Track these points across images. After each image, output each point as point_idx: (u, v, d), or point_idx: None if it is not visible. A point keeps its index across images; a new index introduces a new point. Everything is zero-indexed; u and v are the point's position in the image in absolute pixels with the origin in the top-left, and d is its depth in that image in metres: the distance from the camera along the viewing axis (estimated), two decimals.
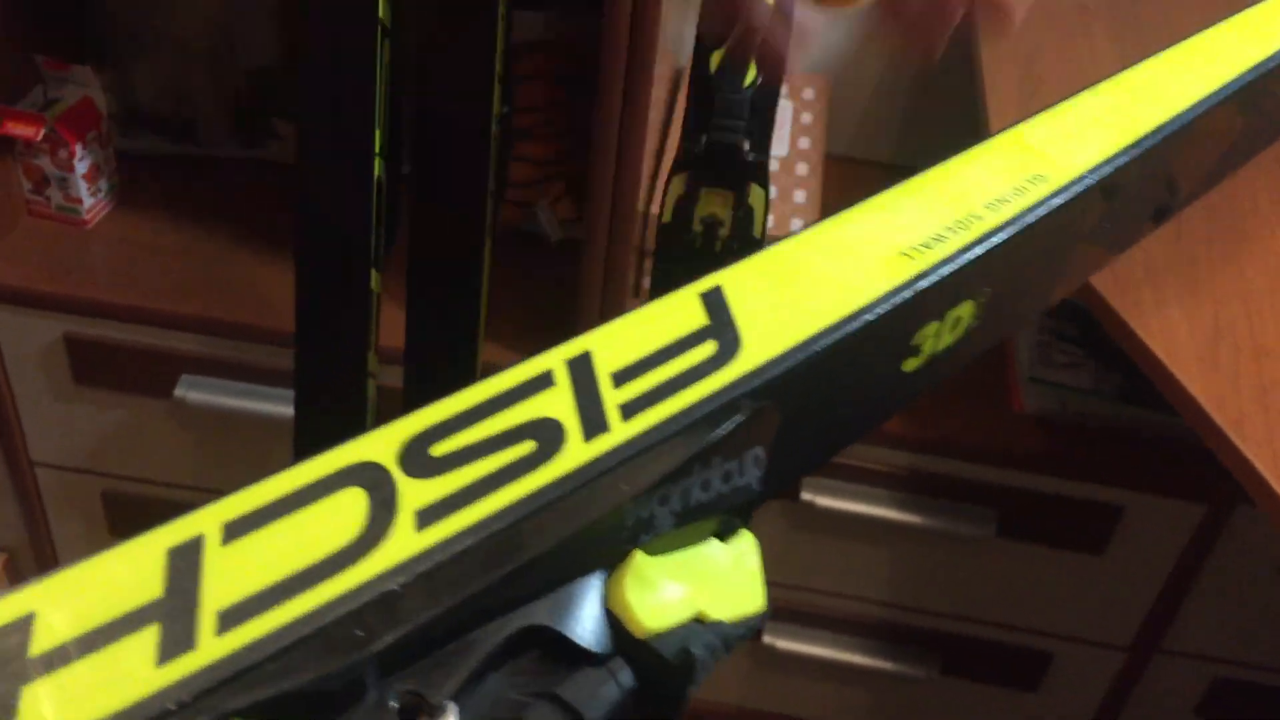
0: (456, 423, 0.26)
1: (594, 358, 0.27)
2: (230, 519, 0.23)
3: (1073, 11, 1.09)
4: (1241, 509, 1.10)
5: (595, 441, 0.25)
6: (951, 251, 0.32)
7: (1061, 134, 0.38)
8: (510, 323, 1.13)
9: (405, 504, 0.23)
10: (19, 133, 1.10)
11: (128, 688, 0.20)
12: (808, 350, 0.28)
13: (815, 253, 0.31)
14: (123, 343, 1.13)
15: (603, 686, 0.24)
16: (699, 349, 0.28)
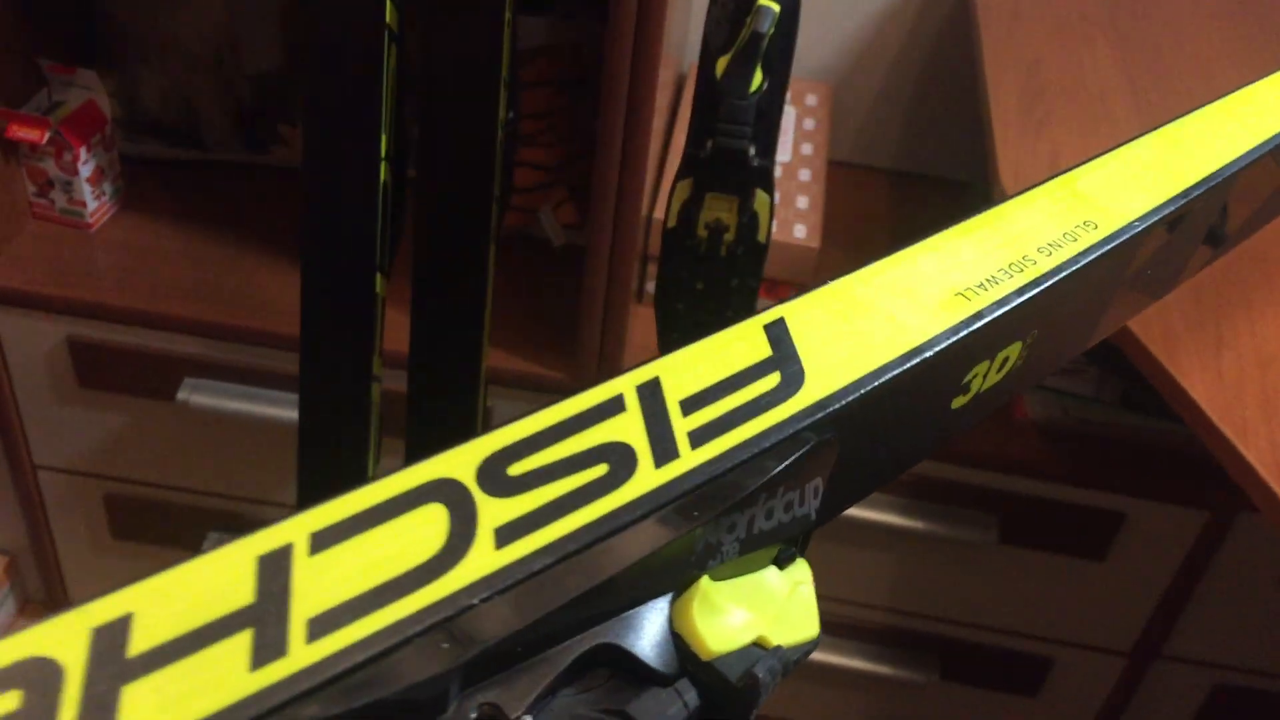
0: (532, 443, 0.26)
1: (663, 384, 0.28)
2: (318, 529, 0.23)
3: (1075, 21, 1.09)
4: (1243, 516, 1.10)
5: (666, 468, 0.26)
6: (1005, 294, 0.33)
7: (1111, 182, 0.39)
8: (513, 327, 1.13)
9: (484, 521, 0.24)
10: (24, 136, 1.10)
11: (223, 691, 0.20)
12: (869, 384, 0.29)
13: (875, 290, 0.32)
14: (126, 346, 1.13)
15: (670, 707, 0.25)
16: (764, 380, 0.29)
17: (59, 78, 1.15)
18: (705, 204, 0.77)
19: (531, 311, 1.16)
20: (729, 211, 0.78)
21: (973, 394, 0.35)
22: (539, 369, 1.10)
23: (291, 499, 1.10)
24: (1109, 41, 1.06)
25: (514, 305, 1.16)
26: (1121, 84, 1.01)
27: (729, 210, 0.77)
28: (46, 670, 0.21)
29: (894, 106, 1.38)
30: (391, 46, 0.73)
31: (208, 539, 1.26)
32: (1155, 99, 0.99)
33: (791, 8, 0.71)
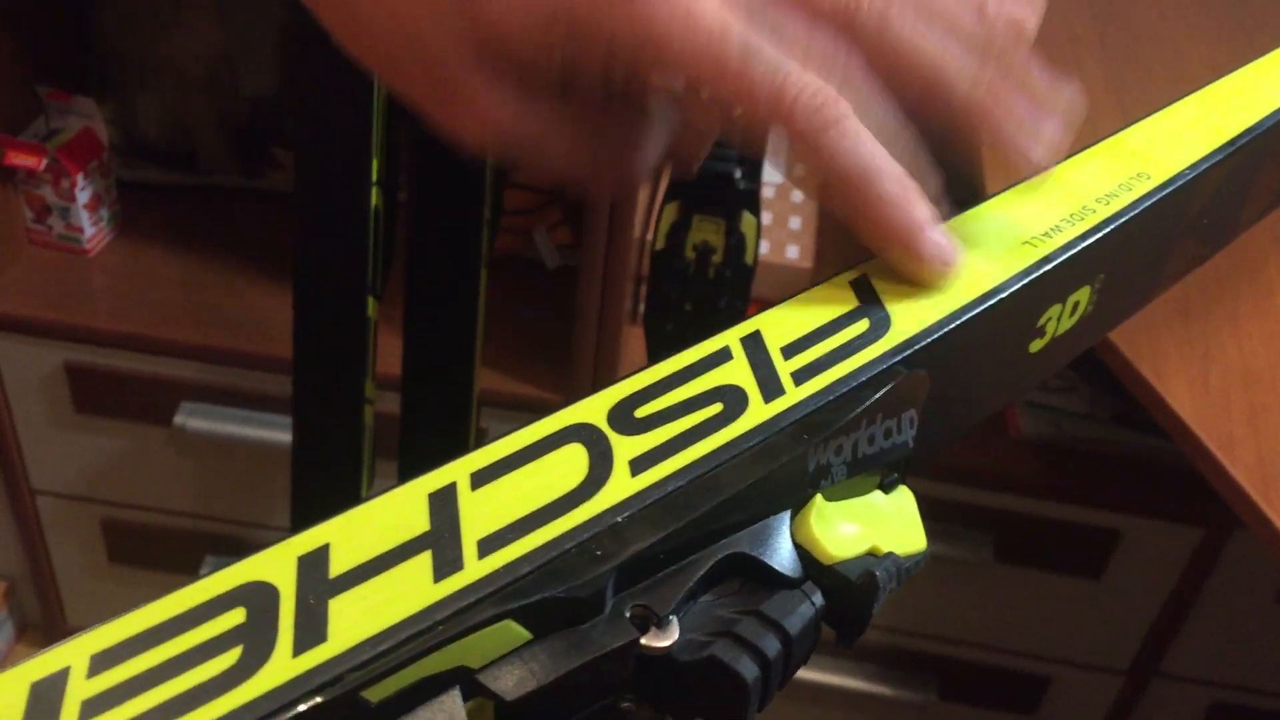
0: (653, 390, 0.30)
1: (764, 335, 0.32)
2: (476, 469, 0.27)
3: (1065, 43, 1.10)
4: (1239, 533, 1.11)
5: (774, 403, 0.30)
6: (1070, 239, 0.36)
7: (1159, 138, 0.42)
8: (507, 349, 1.13)
9: (620, 455, 0.28)
10: (21, 163, 1.11)
11: (413, 600, 0.24)
12: (950, 324, 0.33)
13: None
14: (123, 370, 1.14)
15: (800, 604, 0.28)
16: (854, 326, 0.32)
17: (56, 105, 1.16)
18: (693, 226, 0.78)
19: (526, 332, 1.16)
20: (716, 233, 0.78)
21: (1049, 337, 0.37)
22: (533, 390, 1.11)
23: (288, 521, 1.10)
24: (1099, 64, 1.07)
25: (508, 326, 1.16)
26: (1111, 106, 1.01)
27: (716, 232, 0.78)
28: (263, 591, 0.24)
29: None
30: None
31: (205, 564, 1.27)
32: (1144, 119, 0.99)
33: None
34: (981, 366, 0.36)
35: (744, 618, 0.27)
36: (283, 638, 0.23)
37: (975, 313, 0.33)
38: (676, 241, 0.78)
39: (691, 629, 0.27)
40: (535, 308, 1.19)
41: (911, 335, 0.32)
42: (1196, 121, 0.44)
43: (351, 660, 0.23)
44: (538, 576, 0.25)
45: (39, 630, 1.42)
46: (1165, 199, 0.39)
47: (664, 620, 0.26)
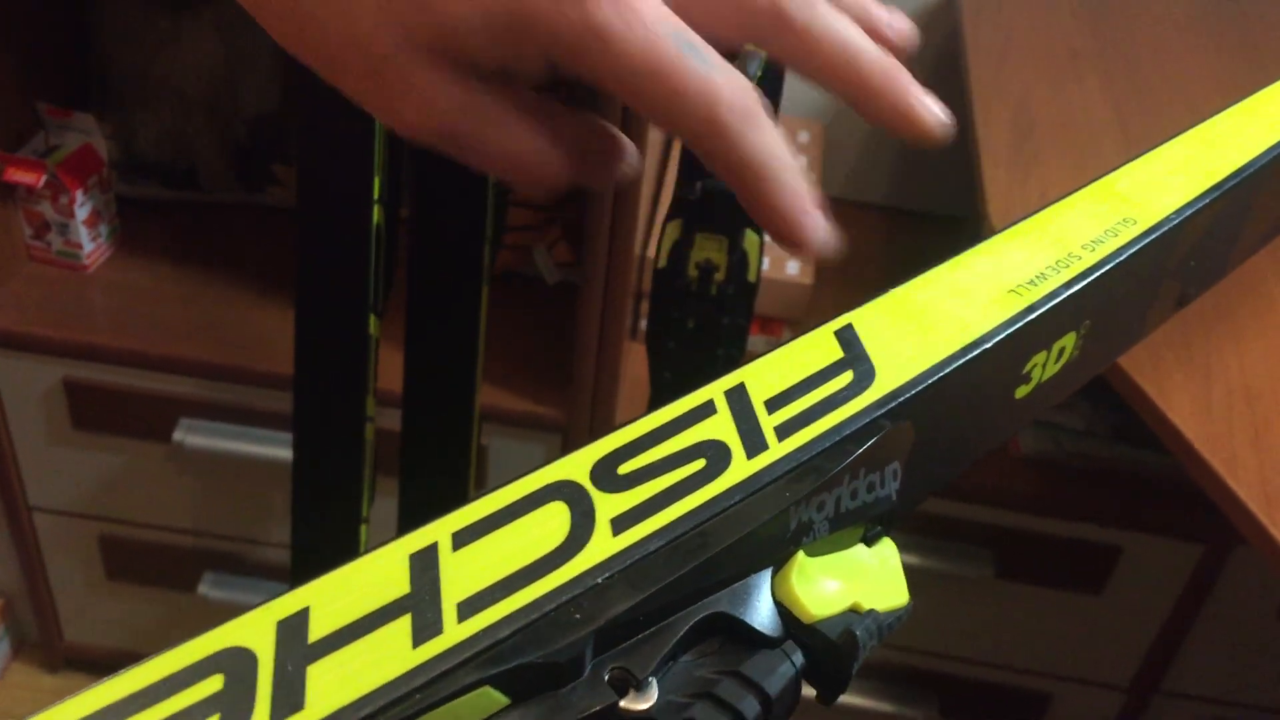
0: (637, 445, 0.30)
1: (748, 388, 0.32)
2: (458, 529, 0.27)
3: (1064, 58, 1.10)
4: (1240, 549, 1.10)
5: (757, 459, 0.30)
6: (1054, 287, 0.36)
7: (1147, 180, 0.42)
8: (507, 365, 1.13)
9: (601, 514, 0.28)
10: (20, 179, 1.11)
11: (392, 665, 0.24)
12: (934, 375, 0.33)
13: (933, 293, 0.36)
14: (122, 387, 1.14)
15: (780, 664, 0.28)
16: (839, 378, 0.32)
17: (56, 121, 1.15)
18: (695, 244, 0.78)
19: (526, 349, 1.16)
20: (719, 251, 0.78)
21: (1035, 383, 0.38)
22: (534, 406, 1.10)
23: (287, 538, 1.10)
24: (1097, 79, 1.07)
25: (509, 343, 1.16)
26: (1110, 120, 1.02)
27: (719, 250, 0.78)
28: (242, 657, 0.25)
29: (885, 143, 1.39)
30: None
31: (203, 580, 1.26)
32: (1144, 135, 1.00)
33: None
34: (966, 415, 0.36)
35: (724, 678, 0.27)
36: (260, 706, 0.23)
37: (960, 363, 0.33)
38: (679, 259, 0.78)
39: (671, 690, 0.27)
40: (535, 324, 1.19)
41: (895, 388, 0.32)
42: (1185, 163, 0.44)
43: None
44: (516, 641, 0.25)
45: (36, 648, 1.41)
46: (1151, 244, 0.39)
47: (643, 683, 0.26)
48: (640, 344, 1.13)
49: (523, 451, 1.13)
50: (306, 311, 0.78)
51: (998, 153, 0.96)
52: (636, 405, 1.10)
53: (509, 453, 1.14)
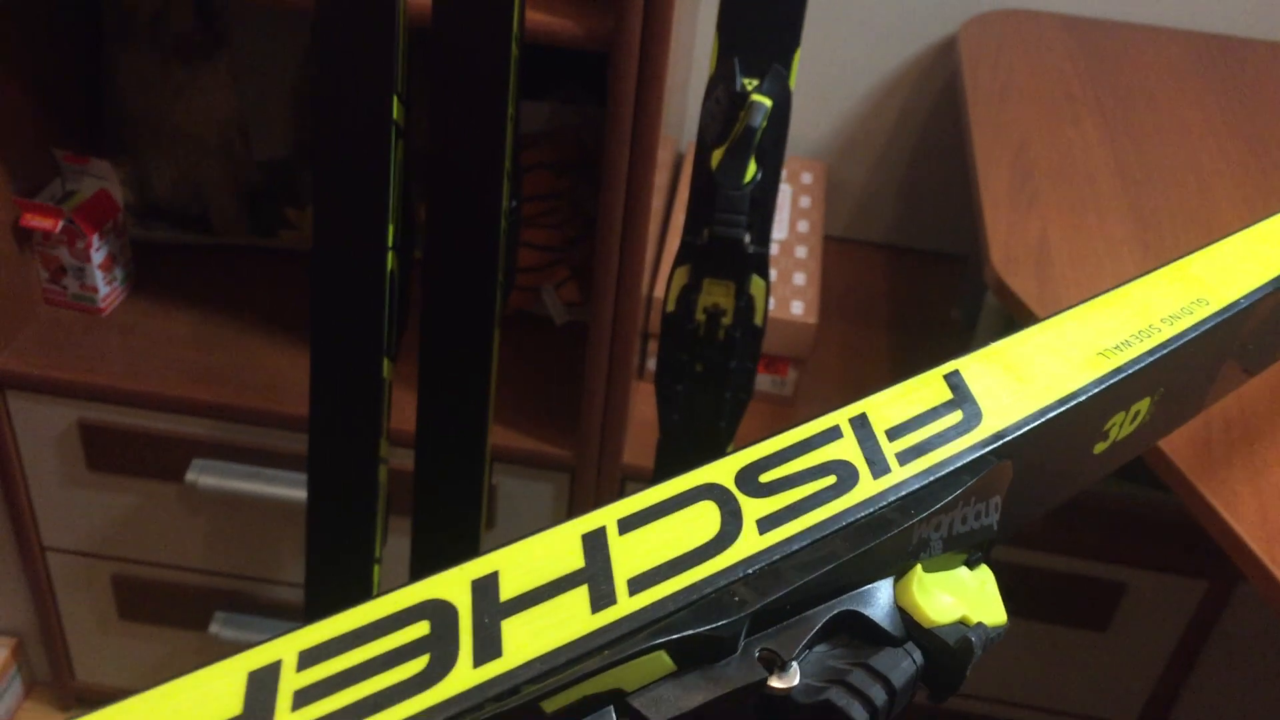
0: (774, 459, 0.34)
1: (870, 417, 0.36)
2: (623, 516, 0.31)
3: (1062, 101, 1.12)
4: (1243, 585, 1.11)
5: (882, 479, 0.34)
6: (1138, 354, 0.41)
7: (1218, 266, 0.48)
8: (516, 405, 1.15)
9: (748, 514, 0.32)
10: (38, 225, 1.13)
11: (574, 626, 0.28)
12: (1034, 421, 0.37)
13: (1031, 349, 0.40)
14: (136, 428, 1.15)
15: (903, 661, 0.31)
16: (950, 416, 0.36)
17: (72, 167, 1.17)
18: (703, 289, 0.79)
19: (534, 389, 1.17)
20: (726, 296, 0.80)
21: (1111, 441, 0.42)
22: (543, 446, 1.12)
23: (299, 578, 1.11)
24: (1095, 121, 1.09)
25: (517, 383, 1.17)
26: (1108, 162, 1.03)
27: (726, 295, 0.80)
28: (444, 608, 0.28)
29: (887, 183, 1.41)
30: (398, 141, 0.75)
31: (214, 619, 1.27)
32: (1140, 176, 1.01)
33: (782, 102, 0.73)
34: (1053, 463, 0.40)
35: (854, 669, 0.31)
36: (464, 650, 0.27)
37: (1056, 413, 0.37)
38: (687, 304, 0.80)
39: (809, 675, 0.30)
40: (543, 364, 1.21)
41: (1001, 429, 0.36)
42: (1251, 253, 0.49)
43: (526, 674, 0.27)
44: (685, 615, 0.29)
45: (48, 687, 1.42)
46: (1221, 324, 0.44)
47: (787, 664, 0.30)
48: (648, 383, 1.15)
49: (532, 490, 1.15)
50: (321, 356, 0.79)
51: (998, 193, 0.98)
52: (645, 445, 1.11)
53: (518, 492, 1.15)
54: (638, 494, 0.32)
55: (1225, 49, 1.25)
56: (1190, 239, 0.94)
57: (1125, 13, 1.29)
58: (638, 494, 0.32)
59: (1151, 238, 0.94)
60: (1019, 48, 1.22)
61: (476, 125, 0.74)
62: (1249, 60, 1.23)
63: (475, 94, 0.74)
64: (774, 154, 0.75)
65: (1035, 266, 0.89)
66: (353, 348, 0.78)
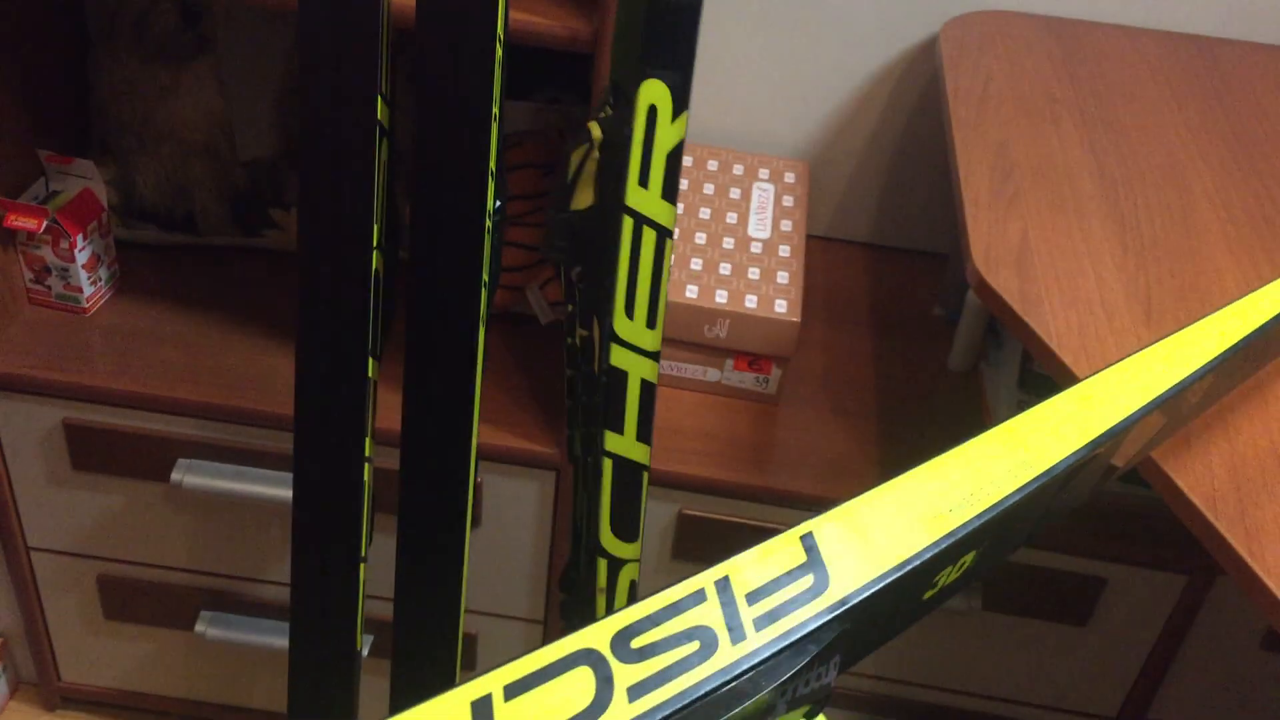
0: (647, 622, 0.37)
1: (732, 581, 0.40)
2: (510, 682, 0.35)
3: (1042, 102, 1.13)
4: (1222, 580, 1.12)
5: (738, 646, 0.38)
6: (968, 517, 0.46)
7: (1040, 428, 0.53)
8: (501, 404, 1.15)
9: (619, 681, 0.35)
10: (21, 225, 1.13)
11: None
12: (876, 585, 0.42)
13: (878, 510, 0.45)
14: (121, 428, 1.15)
15: None
16: (802, 580, 0.41)
17: (56, 167, 1.17)
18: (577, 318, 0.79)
19: (519, 388, 1.18)
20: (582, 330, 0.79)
21: (938, 588, 0.47)
22: (528, 444, 1.12)
23: (285, 577, 1.11)
24: (1074, 122, 1.10)
25: (502, 382, 1.18)
26: (1087, 162, 1.04)
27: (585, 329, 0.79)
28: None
29: (870, 182, 1.42)
30: (383, 141, 0.76)
31: (200, 619, 1.27)
32: (1120, 175, 1.02)
33: (615, 137, 0.72)
34: (885, 613, 0.44)
35: None
36: None
37: (894, 577, 0.42)
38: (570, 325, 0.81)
39: None
40: (528, 363, 1.21)
41: (845, 594, 0.41)
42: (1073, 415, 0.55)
43: None
44: None
45: (33, 687, 1.42)
46: (1044, 484, 0.50)
47: None
48: None
49: (517, 489, 1.15)
50: (307, 356, 0.79)
51: (978, 193, 0.99)
52: None
53: (504, 490, 1.15)
54: (523, 657, 0.35)
55: (1204, 49, 1.26)
56: (1169, 237, 0.95)
57: (1105, 14, 1.30)
58: (523, 657, 0.35)
59: (1130, 237, 0.95)
60: (1000, 48, 1.22)
61: (461, 125, 0.75)
62: (1227, 61, 1.25)
63: (459, 94, 0.74)
64: (613, 190, 0.72)
65: (1016, 265, 0.90)
66: (338, 347, 0.78)
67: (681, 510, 1.13)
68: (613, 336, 0.74)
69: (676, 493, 1.12)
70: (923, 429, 1.19)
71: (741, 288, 1.16)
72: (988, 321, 1.22)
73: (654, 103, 0.68)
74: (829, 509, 0.44)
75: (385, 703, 0.93)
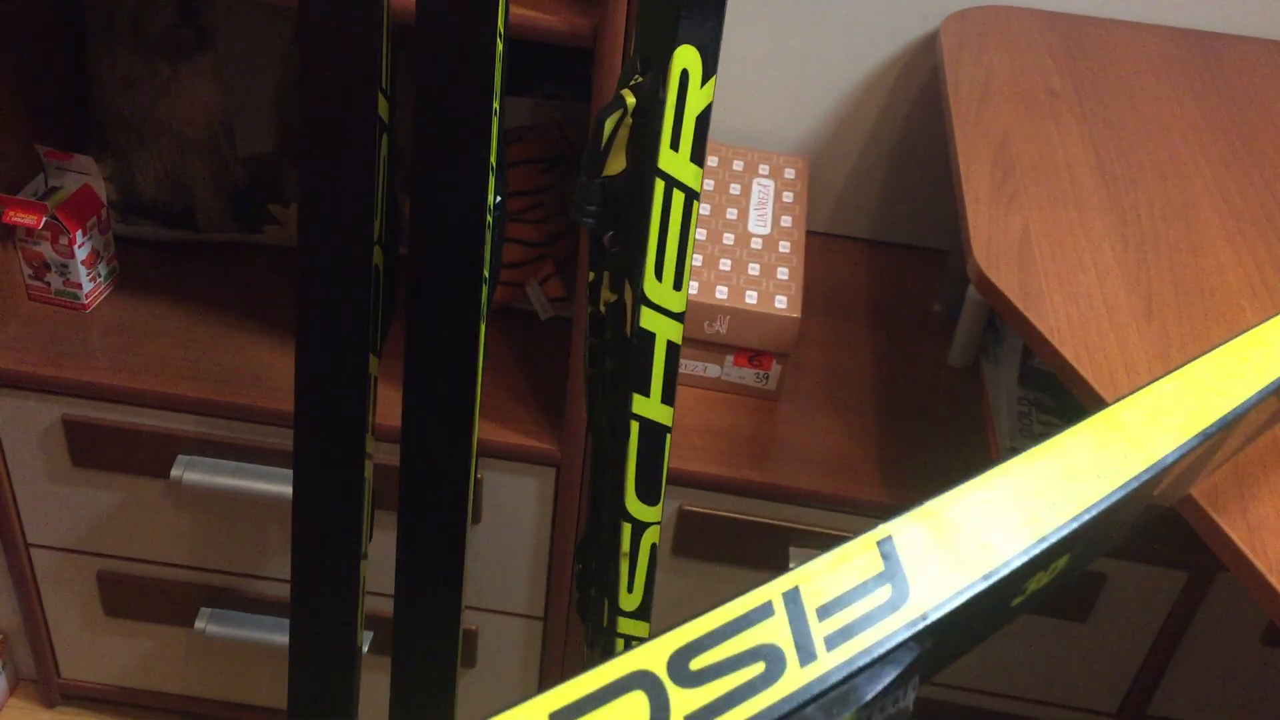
0: (707, 640, 0.34)
1: (802, 592, 0.36)
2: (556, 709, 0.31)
3: (1043, 98, 1.13)
4: (1222, 575, 1.12)
5: (809, 668, 0.34)
6: (1066, 519, 0.41)
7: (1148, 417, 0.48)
8: (501, 400, 1.15)
9: (676, 709, 0.32)
10: (20, 221, 1.13)
11: None
12: (959, 599, 0.37)
13: (964, 510, 0.40)
14: (120, 424, 1.15)
15: None
16: (879, 591, 0.37)
17: (55, 163, 1.17)
18: (604, 281, 0.78)
19: (519, 384, 1.18)
20: (613, 295, 0.78)
21: (1028, 594, 0.43)
22: (528, 440, 1.12)
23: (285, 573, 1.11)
24: (1075, 116, 1.10)
25: (502, 378, 1.18)
26: (1088, 157, 1.04)
27: (613, 294, 0.78)
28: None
29: (870, 178, 1.42)
30: (383, 136, 0.76)
31: (200, 616, 1.27)
32: (1120, 170, 1.02)
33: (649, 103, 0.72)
34: (971, 622, 0.40)
35: None
36: None
37: (983, 588, 0.38)
38: (594, 293, 0.80)
39: None
40: (528, 359, 1.21)
41: (927, 609, 0.37)
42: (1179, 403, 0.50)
43: None
44: None
45: (33, 683, 1.41)
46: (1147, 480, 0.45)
47: None
48: None
49: (518, 485, 1.15)
50: (307, 352, 0.79)
51: (979, 188, 0.99)
52: None
53: (504, 486, 1.15)
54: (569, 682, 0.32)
55: (1204, 44, 1.26)
56: (1170, 232, 0.95)
57: (1106, 8, 1.30)
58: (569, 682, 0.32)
59: (1131, 231, 0.95)
60: (1000, 43, 1.22)
61: (461, 120, 0.75)
62: (1227, 55, 1.24)
63: (460, 89, 0.74)
64: (646, 154, 0.72)
65: (1017, 260, 0.90)
66: (338, 343, 0.78)
67: (682, 506, 1.13)
68: (643, 299, 0.74)
69: (677, 489, 1.12)
70: (923, 425, 1.19)
71: (741, 284, 1.15)
72: (988, 317, 1.22)
73: (686, 67, 0.69)
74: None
75: (385, 699, 0.93)
